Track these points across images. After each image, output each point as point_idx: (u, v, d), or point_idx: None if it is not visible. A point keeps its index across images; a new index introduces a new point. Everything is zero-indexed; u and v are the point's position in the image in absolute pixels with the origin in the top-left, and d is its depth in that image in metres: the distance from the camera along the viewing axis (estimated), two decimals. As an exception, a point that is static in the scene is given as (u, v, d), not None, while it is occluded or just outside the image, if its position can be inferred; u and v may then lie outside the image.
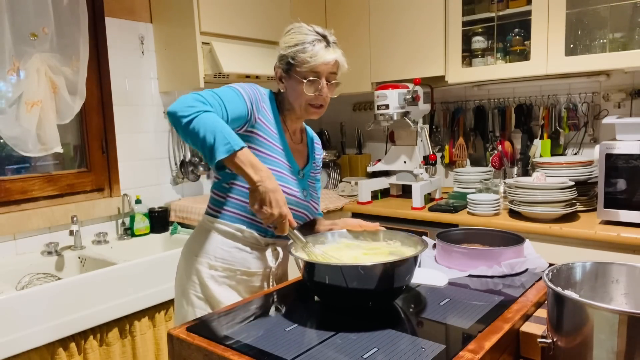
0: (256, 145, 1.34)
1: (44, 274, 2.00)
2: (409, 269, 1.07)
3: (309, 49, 1.30)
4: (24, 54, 2.00)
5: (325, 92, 1.35)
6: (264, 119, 1.36)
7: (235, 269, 1.37)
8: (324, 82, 1.34)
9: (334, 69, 1.35)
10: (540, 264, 1.31)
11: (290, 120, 1.43)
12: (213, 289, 1.35)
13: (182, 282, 1.42)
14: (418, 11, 2.63)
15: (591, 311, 0.80)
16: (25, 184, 2.14)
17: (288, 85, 1.37)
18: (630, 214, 1.92)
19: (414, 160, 2.67)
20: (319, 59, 1.30)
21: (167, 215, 2.55)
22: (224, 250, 1.37)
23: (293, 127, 1.45)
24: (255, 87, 1.37)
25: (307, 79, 1.32)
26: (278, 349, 0.91)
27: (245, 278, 1.39)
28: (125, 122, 2.46)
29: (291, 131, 1.45)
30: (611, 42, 2.19)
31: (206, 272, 1.37)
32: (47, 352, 1.68)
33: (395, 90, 2.53)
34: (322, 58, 1.31)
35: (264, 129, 1.35)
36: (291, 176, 1.39)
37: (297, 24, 1.36)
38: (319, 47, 1.31)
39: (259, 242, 1.39)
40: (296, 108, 1.38)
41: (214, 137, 1.13)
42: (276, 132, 1.38)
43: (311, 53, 1.30)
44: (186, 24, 2.34)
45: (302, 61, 1.31)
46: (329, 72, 1.34)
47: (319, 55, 1.30)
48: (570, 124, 2.53)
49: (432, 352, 0.87)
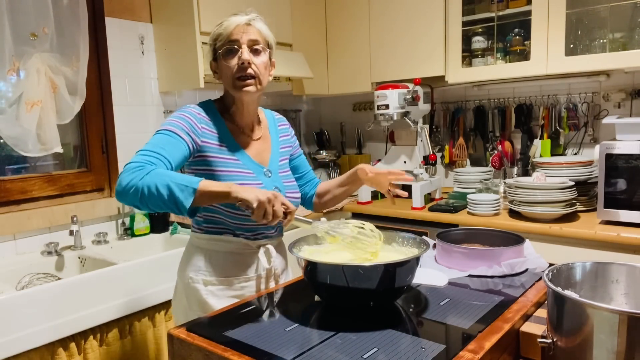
0: (211, 166, 1.31)
1: (44, 274, 1.99)
2: (410, 269, 1.07)
3: (224, 24, 1.30)
4: (24, 54, 2.00)
5: (246, 57, 1.28)
6: (208, 138, 1.31)
7: (231, 279, 1.36)
8: (245, 49, 1.29)
9: (253, 36, 1.30)
10: (540, 264, 1.31)
11: (238, 115, 1.38)
12: (213, 304, 1.32)
13: (182, 304, 1.41)
14: (418, 11, 2.63)
15: (591, 311, 0.80)
16: (25, 184, 2.14)
17: (220, 72, 1.34)
18: (630, 214, 1.92)
19: (414, 160, 2.67)
20: (231, 25, 1.29)
21: (167, 215, 2.55)
22: (217, 263, 1.35)
23: (244, 121, 1.40)
24: (186, 112, 1.31)
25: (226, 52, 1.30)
26: (278, 349, 0.91)
27: (243, 284, 1.37)
28: (125, 122, 2.46)
29: (245, 127, 1.40)
30: (611, 42, 2.19)
31: (203, 290, 1.34)
32: (47, 352, 1.67)
33: (395, 90, 2.54)
34: (234, 23, 1.29)
35: (211, 148, 1.31)
36: (256, 181, 1.34)
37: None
38: (233, 18, 1.30)
39: (249, 247, 1.37)
40: (230, 91, 1.34)
41: (170, 190, 1.09)
42: (226, 144, 1.34)
43: (225, 25, 1.29)
44: (186, 24, 2.34)
45: (218, 36, 1.30)
46: (249, 39, 1.29)
47: (230, 21, 1.29)
48: (570, 124, 2.53)
49: (432, 352, 0.87)
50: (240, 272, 1.36)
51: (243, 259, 1.37)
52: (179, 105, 2.68)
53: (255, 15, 1.33)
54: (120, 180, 1.13)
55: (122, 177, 1.13)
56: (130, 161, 1.16)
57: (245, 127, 1.41)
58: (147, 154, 1.17)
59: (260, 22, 1.34)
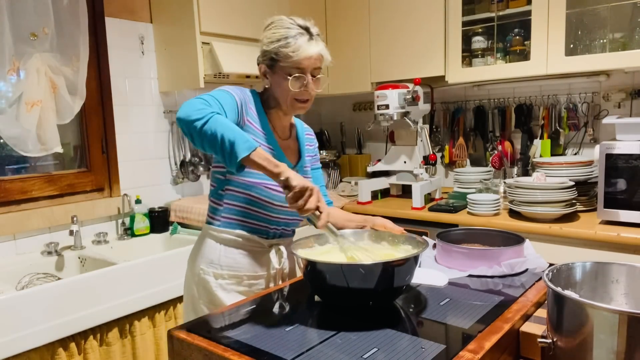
0: None
1: (44, 274, 1.99)
2: (409, 268, 1.07)
3: (292, 44, 1.29)
4: (24, 54, 2.00)
5: (311, 88, 1.33)
6: (252, 120, 1.35)
7: (241, 275, 1.38)
8: (309, 77, 1.32)
9: (318, 63, 1.33)
10: (540, 264, 1.31)
11: (277, 117, 1.42)
12: (222, 298, 1.36)
13: (191, 293, 1.42)
14: (418, 11, 2.63)
15: (591, 311, 0.80)
16: (25, 184, 2.14)
17: (273, 81, 1.36)
18: (630, 214, 1.92)
19: (414, 160, 2.67)
20: (302, 54, 1.29)
21: (167, 215, 2.55)
22: (229, 258, 1.37)
23: (281, 123, 1.44)
24: (242, 89, 1.36)
25: (291, 75, 1.31)
26: (278, 349, 0.91)
27: (252, 282, 1.39)
28: (125, 122, 2.46)
29: (279, 128, 1.43)
30: (611, 42, 2.19)
31: (213, 282, 1.37)
32: (47, 352, 1.68)
33: (395, 90, 2.53)
34: (305, 52, 1.29)
35: (252, 130, 1.34)
36: None
37: (278, 17, 1.35)
38: (302, 41, 1.29)
39: (261, 245, 1.40)
40: (282, 104, 1.36)
41: (234, 137, 1.11)
42: (264, 132, 1.37)
43: (294, 47, 1.28)
44: (186, 24, 2.34)
45: (285, 56, 1.30)
46: (314, 67, 1.32)
47: (302, 50, 1.29)
48: (570, 124, 2.53)
49: (432, 352, 0.87)
50: (250, 269, 1.39)
51: (254, 257, 1.39)
52: (179, 105, 2.68)
53: (322, 44, 1.34)
54: (186, 108, 1.15)
55: (189, 107, 1.15)
56: (201, 96, 1.19)
57: (279, 128, 1.44)
58: (214, 100, 1.21)
59: (324, 47, 1.35)
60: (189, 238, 2.37)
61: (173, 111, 2.64)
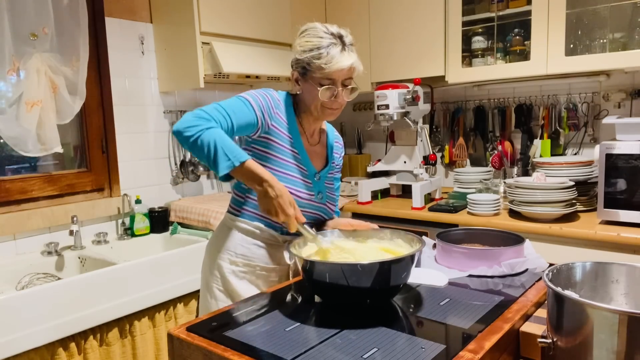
0: (271, 150, 1.38)
1: (44, 274, 1.99)
2: (405, 267, 1.07)
3: (324, 55, 1.30)
4: (24, 54, 2.00)
5: (341, 98, 1.36)
6: (278, 125, 1.38)
7: (254, 265, 1.44)
8: (340, 87, 1.34)
9: (350, 74, 1.35)
10: (540, 264, 1.31)
11: (307, 121, 1.45)
12: (234, 283, 1.42)
13: (206, 276, 1.49)
14: (418, 11, 2.63)
15: (591, 311, 0.80)
16: (25, 184, 2.14)
17: (304, 88, 1.38)
18: (630, 214, 1.92)
19: (414, 160, 2.67)
20: (333, 66, 1.30)
21: (167, 215, 2.55)
22: (244, 247, 1.43)
23: (310, 128, 1.47)
24: (268, 93, 1.38)
25: (322, 85, 1.32)
26: (278, 349, 0.91)
27: (264, 273, 1.45)
28: (125, 122, 2.46)
29: (308, 133, 1.47)
30: (611, 42, 2.19)
31: (227, 268, 1.43)
32: (47, 352, 1.68)
33: (395, 90, 2.53)
34: (337, 65, 1.30)
35: (277, 135, 1.38)
36: (305, 180, 1.42)
37: (312, 25, 1.35)
38: (335, 52, 1.30)
39: (276, 240, 1.45)
40: (312, 110, 1.39)
41: (216, 154, 1.19)
42: (291, 136, 1.41)
43: (326, 59, 1.30)
44: (186, 24, 2.34)
45: (317, 67, 1.31)
46: (345, 77, 1.34)
47: (334, 62, 1.30)
48: (570, 124, 2.53)
49: (432, 352, 0.87)
50: (263, 260, 1.44)
51: (269, 250, 1.45)
52: (178, 105, 2.69)
53: (355, 56, 1.35)
54: (184, 120, 1.22)
55: (188, 119, 1.22)
56: (202, 108, 1.25)
57: (310, 133, 1.48)
58: (218, 110, 1.26)
59: (357, 58, 1.36)
60: (189, 238, 2.37)
61: (173, 111, 2.64)
